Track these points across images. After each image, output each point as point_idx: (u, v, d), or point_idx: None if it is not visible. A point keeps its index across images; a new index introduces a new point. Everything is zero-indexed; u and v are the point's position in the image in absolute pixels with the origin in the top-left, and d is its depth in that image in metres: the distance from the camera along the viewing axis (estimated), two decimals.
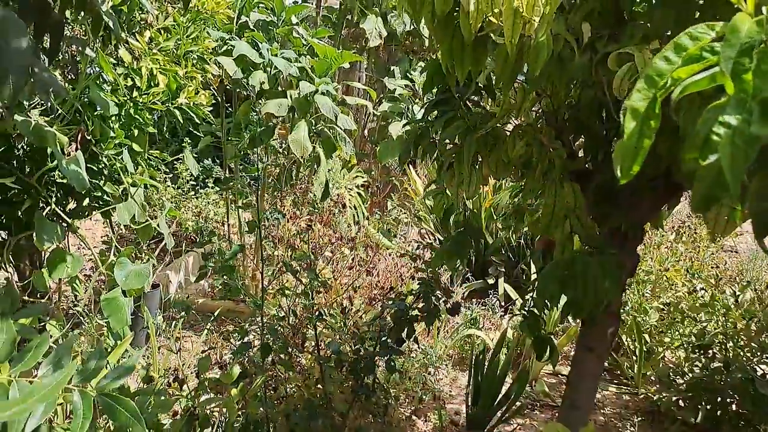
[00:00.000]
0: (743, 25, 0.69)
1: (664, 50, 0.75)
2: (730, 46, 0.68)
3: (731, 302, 3.08)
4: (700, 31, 0.75)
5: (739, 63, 0.68)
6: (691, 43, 0.75)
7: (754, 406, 2.89)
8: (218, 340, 3.39)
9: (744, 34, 0.69)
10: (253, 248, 3.98)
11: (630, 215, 2.21)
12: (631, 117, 0.76)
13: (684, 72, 0.76)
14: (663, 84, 0.75)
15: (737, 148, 0.72)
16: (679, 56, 0.75)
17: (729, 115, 0.68)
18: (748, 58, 0.67)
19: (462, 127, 2.17)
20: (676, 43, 0.75)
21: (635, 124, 0.77)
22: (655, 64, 0.75)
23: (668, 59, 0.75)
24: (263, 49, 3.38)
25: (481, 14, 1.52)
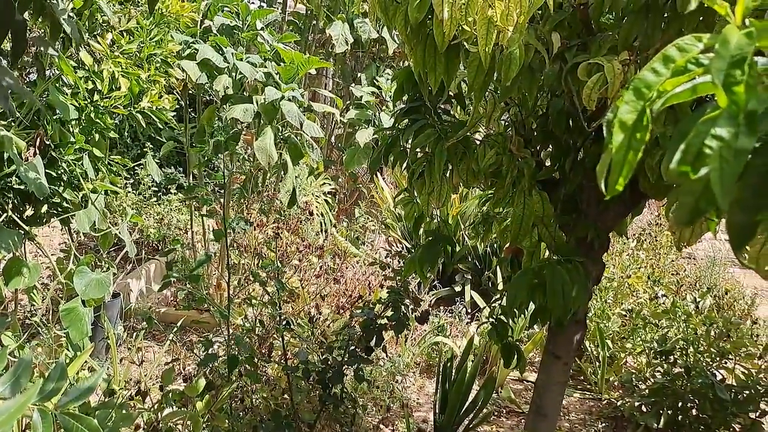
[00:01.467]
0: (733, 38, 0.70)
1: (652, 62, 0.75)
2: (721, 59, 0.68)
3: (692, 309, 3.15)
4: (687, 42, 0.75)
5: (730, 75, 0.68)
6: (679, 54, 0.75)
7: (714, 411, 2.95)
8: (181, 350, 3.31)
9: (734, 45, 0.69)
10: (217, 256, 3.90)
11: (596, 224, 2.25)
12: (620, 129, 0.76)
13: (670, 84, 0.76)
14: (651, 96, 0.75)
15: (726, 162, 0.72)
16: (667, 68, 0.75)
17: (721, 128, 0.68)
18: (739, 71, 0.67)
19: (433, 136, 2.17)
20: (665, 54, 0.75)
21: (623, 137, 0.76)
22: (644, 76, 0.75)
23: (656, 71, 0.75)
24: (228, 53, 3.33)
25: (455, 23, 1.52)
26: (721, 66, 0.68)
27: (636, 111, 0.76)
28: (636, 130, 0.76)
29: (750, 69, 0.71)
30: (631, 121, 0.76)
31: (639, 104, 0.76)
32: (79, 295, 2.55)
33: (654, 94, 0.77)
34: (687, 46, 0.75)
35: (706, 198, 0.79)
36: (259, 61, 3.43)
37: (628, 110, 0.76)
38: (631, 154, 0.77)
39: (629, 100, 0.76)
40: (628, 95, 0.77)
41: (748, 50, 0.68)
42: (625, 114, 0.76)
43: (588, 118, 2.01)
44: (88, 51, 2.76)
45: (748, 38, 0.69)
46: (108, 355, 3.32)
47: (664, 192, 1.98)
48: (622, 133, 0.77)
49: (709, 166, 0.71)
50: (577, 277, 2.13)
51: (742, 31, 0.70)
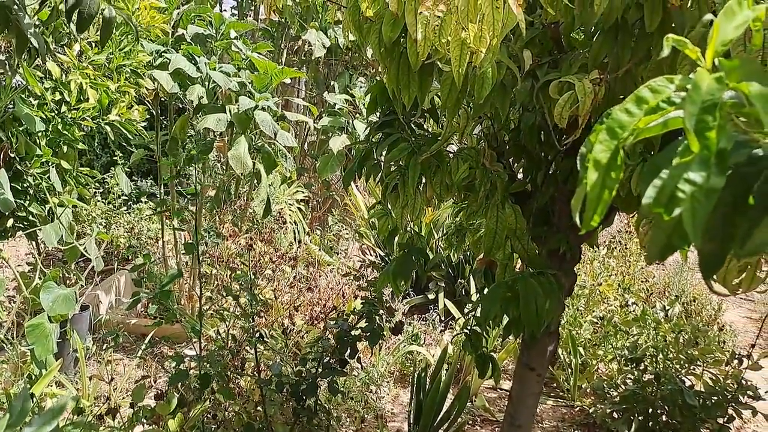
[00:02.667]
0: (704, 83, 0.71)
1: (626, 103, 0.76)
2: (692, 103, 0.70)
3: (661, 316, 3.21)
4: (660, 84, 0.76)
5: (702, 121, 0.69)
6: (651, 96, 0.76)
7: (683, 416, 3.01)
8: (153, 363, 3.25)
9: (705, 91, 0.71)
10: (189, 266, 3.85)
11: (568, 236, 2.27)
12: (594, 168, 0.77)
13: (644, 123, 0.78)
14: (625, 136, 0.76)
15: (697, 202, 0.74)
16: (640, 109, 0.76)
17: (694, 172, 0.70)
18: (711, 116, 0.69)
19: (406, 150, 2.17)
20: (638, 96, 0.76)
21: (597, 176, 0.77)
22: (617, 117, 0.76)
23: (629, 112, 0.76)
24: (201, 63, 3.29)
25: (429, 43, 1.52)
26: (693, 111, 0.69)
27: (610, 150, 0.77)
28: (610, 170, 0.77)
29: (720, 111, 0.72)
30: (605, 160, 0.77)
31: (612, 144, 0.77)
32: (46, 311, 2.50)
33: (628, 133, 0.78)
34: (659, 88, 0.76)
35: (678, 235, 0.81)
36: (233, 70, 3.40)
37: (602, 149, 0.77)
38: (606, 193, 0.78)
39: (603, 140, 0.77)
40: (602, 135, 0.78)
41: (719, 95, 0.70)
42: (599, 153, 0.77)
43: (559, 133, 2.04)
44: (55, 62, 2.70)
45: (719, 83, 0.70)
46: (77, 369, 3.25)
47: (634, 206, 2.02)
48: (597, 172, 0.77)
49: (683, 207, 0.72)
50: (550, 290, 2.16)
51: (713, 76, 0.72)
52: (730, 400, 3.05)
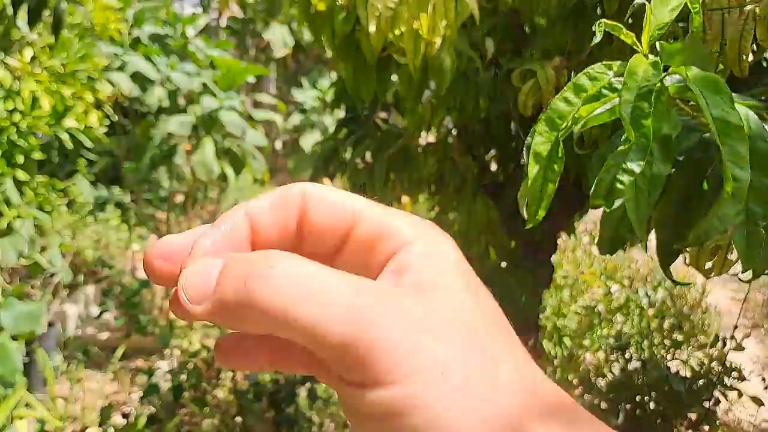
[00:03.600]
0: (639, 68, 0.65)
1: (564, 91, 0.70)
2: (628, 91, 0.64)
3: (644, 303, 3.17)
4: (598, 71, 0.70)
5: (638, 108, 0.64)
6: (589, 83, 0.70)
7: (669, 402, 2.98)
8: (126, 378, 3.16)
9: (641, 77, 0.65)
10: None
11: (542, 226, 2.21)
12: (534, 161, 0.71)
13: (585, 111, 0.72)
14: (564, 125, 0.70)
15: (641, 192, 0.69)
16: (578, 97, 0.70)
17: (632, 162, 0.64)
18: (647, 103, 0.63)
19: (372, 146, 2.12)
20: (576, 83, 0.70)
21: (538, 168, 0.71)
22: (556, 106, 0.70)
23: (568, 100, 0.70)
24: (160, 63, 3.19)
25: (382, 36, 1.45)
26: (628, 98, 0.63)
27: (550, 142, 0.70)
28: (551, 162, 0.71)
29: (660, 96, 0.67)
30: (545, 152, 0.71)
31: (552, 135, 0.70)
32: (8, 329, 2.41)
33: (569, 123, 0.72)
34: (598, 75, 0.70)
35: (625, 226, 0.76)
36: (194, 70, 3.30)
37: (542, 141, 0.71)
38: (549, 186, 0.73)
39: (542, 131, 0.71)
40: (541, 126, 0.71)
41: (655, 81, 0.64)
42: (540, 145, 0.71)
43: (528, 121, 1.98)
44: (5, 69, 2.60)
45: (655, 69, 0.65)
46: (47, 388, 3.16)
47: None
48: (537, 165, 0.71)
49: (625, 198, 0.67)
50: (526, 284, 2.11)
51: (649, 61, 0.66)
52: (715, 384, 3.02)
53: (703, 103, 0.65)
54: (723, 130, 0.65)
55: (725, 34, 1.34)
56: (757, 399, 3.11)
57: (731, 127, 0.65)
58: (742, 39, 1.29)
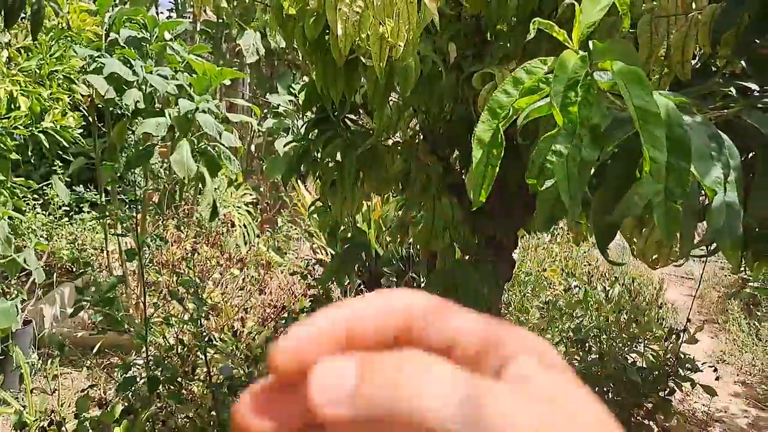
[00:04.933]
0: (569, 62, 0.76)
1: (504, 84, 0.81)
2: (558, 82, 0.75)
3: (602, 297, 3.32)
4: (534, 66, 0.81)
5: (566, 96, 0.74)
6: (526, 77, 0.81)
7: (627, 393, 3.12)
8: (101, 375, 3.20)
9: (570, 69, 0.76)
10: (136, 275, 3.80)
11: (504, 224, 2.34)
12: (478, 146, 0.81)
13: (524, 102, 0.82)
14: (505, 115, 0.81)
15: (571, 173, 0.79)
16: (517, 89, 0.81)
17: (560, 144, 0.74)
18: (573, 92, 0.74)
19: (341, 146, 2.21)
20: (514, 77, 0.81)
21: (482, 153, 0.82)
22: (496, 97, 0.81)
23: (507, 92, 0.81)
24: (137, 66, 3.25)
25: (350, 39, 1.55)
26: (558, 88, 0.74)
27: (492, 129, 0.81)
28: (492, 147, 0.81)
29: (589, 89, 0.78)
30: (487, 139, 0.82)
31: (494, 123, 0.81)
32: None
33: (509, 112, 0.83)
34: (534, 69, 0.81)
35: (559, 206, 0.86)
36: (170, 73, 3.37)
37: (484, 129, 0.82)
38: (490, 169, 0.83)
39: (485, 120, 0.82)
40: (484, 115, 0.82)
41: (582, 73, 0.75)
42: (482, 132, 0.82)
43: None
44: None
45: (583, 62, 0.76)
46: (22, 385, 3.18)
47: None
48: (480, 150, 0.82)
49: (555, 178, 0.77)
50: (488, 277, 2.22)
51: (578, 56, 0.77)
52: (670, 374, 3.18)
53: (625, 93, 0.76)
54: (642, 116, 0.76)
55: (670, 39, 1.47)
56: (710, 389, 3.28)
57: (650, 114, 0.76)
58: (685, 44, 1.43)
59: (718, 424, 3.55)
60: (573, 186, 0.79)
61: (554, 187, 0.81)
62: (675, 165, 0.76)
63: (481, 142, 0.82)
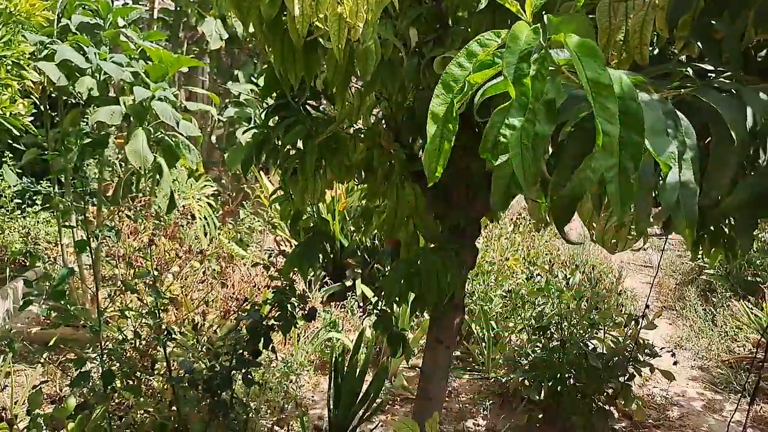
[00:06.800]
0: (522, 33, 0.74)
1: (457, 57, 0.79)
2: (511, 53, 0.73)
3: (564, 285, 3.36)
4: (487, 38, 0.79)
5: (519, 68, 0.73)
6: (480, 49, 0.79)
7: (588, 378, 3.17)
8: (56, 371, 3.11)
9: (523, 41, 0.74)
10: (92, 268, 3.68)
11: (467, 212, 2.33)
12: (432, 121, 0.79)
13: (479, 77, 0.80)
14: (459, 89, 0.79)
15: (526, 148, 0.77)
16: (470, 62, 0.79)
17: (513, 117, 0.73)
18: (526, 64, 0.72)
19: (303, 132, 2.17)
20: (468, 50, 0.79)
21: (436, 127, 0.80)
22: (450, 71, 0.79)
23: (461, 65, 0.79)
24: (90, 53, 3.15)
25: (307, 19, 1.52)
26: (511, 60, 0.73)
27: (446, 104, 0.79)
28: (447, 121, 0.79)
29: (543, 61, 0.76)
30: (441, 113, 0.80)
31: (448, 97, 0.79)
32: None
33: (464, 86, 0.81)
34: (487, 42, 0.79)
35: (514, 182, 0.84)
36: (125, 60, 3.27)
37: (439, 103, 0.79)
38: (445, 144, 0.81)
39: (439, 93, 0.80)
40: (438, 89, 0.80)
41: (535, 44, 0.73)
42: (436, 107, 0.80)
43: None
44: None
45: (535, 34, 0.74)
46: None
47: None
48: (435, 125, 0.80)
49: (510, 153, 0.76)
50: (451, 264, 2.21)
51: (531, 27, 0.75)
52: (630, 360, 3.23)
53: (578, 65, 0.75)
54: (595, 89, 0.74)
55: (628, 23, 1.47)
56: (668, 373, 3.35)
57: (602, 87, 0.74)
58: (643, 28, 1.43)
59: (676, 407, 3.63)
60: (527, 160, 0.77)
61: (509, 163, 0.79)
62: (628, 139, 0.75)
63: (435, 116, 0.80)
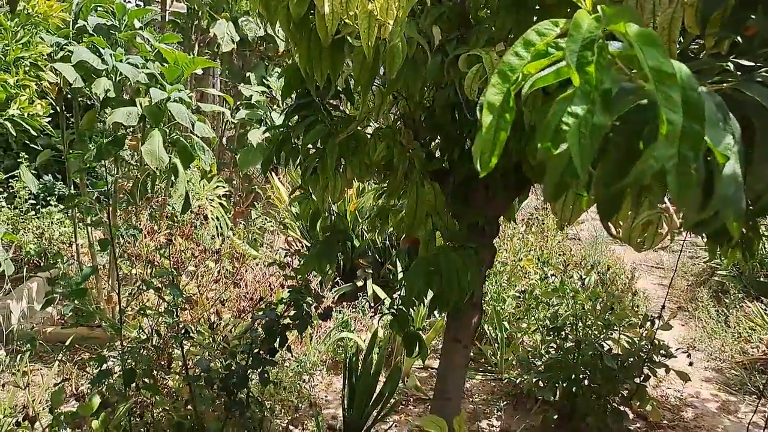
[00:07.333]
0: (584, 21, 0.75)
1: (515, 46, 0.79)
2: (573, 41, 0.73)
3: (578, 286, 3.36)
4: (545, 27, 0.80)
5: (582, 56, 0.73)
6: (538, 38, 0.79)
7: (603, 379, 3.16)
8: (73, 370, 3.11)
9: (585, 29, 0.75)
10: (107, 268, 3.70)
11: (486, 210, 2.34)
12: (488, 111, 0.80)
13: (533, 67, 0.81)
14: (515, 78, 0.80)
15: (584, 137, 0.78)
16: (528, 52, 0.79)
17: (576, 105, 0.73)
18: (590, 52, 0.73)
19: (323, 131, 2.18)
20: (525, 39, 0.79)
21: (492, 117, 0.80)
22: (507, 60, 0.79)
23: (519, 55, 0.79)
24: (106, 54, 3.16)
25: (337, 17, 1.53)
26: (574, 48, 0.73)
27: (502, 93, 0.80)
28: (503, 111, 0.80)
29: (601, 51, 0.77)
30: (498, 103, 0.80)
31: (504, 87, 0.80)
32: None
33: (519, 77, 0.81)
34: (545, 31, 0.80)
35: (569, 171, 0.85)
36: (141, 61, 3.29)
37: (495, 93, 0.80)
38: (501, 134, 0.81)
39: (495, 83, 0.80)
40: (495, 78, 0.81)
41: (597, 33, 0.74)
42: (493, 96, 0.80)
43: (472, 108, 2.09)
44: None
45: (597, 22, 0.75)
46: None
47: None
48: (491, 115, 0.80)
49: (569, 142, 0.76)
50: (471, 262, 2.21)
51: (592, 16, 0.76)
52: (645, 360, 3.23)
53: (640, 54, 0.75)
54: (658, 78, 0.74)
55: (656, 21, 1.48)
56: (683, 374, 3.35)
57: (665, 75, 0.74)
58: (672, 25, 1.43)
59: (690, 408, 3.62)
60: (585, 150, 0.77)
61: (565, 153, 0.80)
62: (689, 129, 0.75)
63: (491, 106, 0.80)
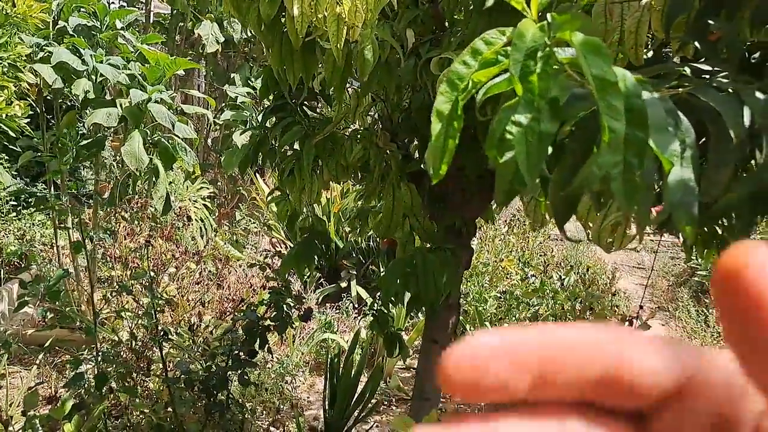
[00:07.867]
0: (528, 31, 0.76)
1: (462, 55, 0.80)
2: (517, 50, 0.74)
3: (558, 286, 3.39)
4: (493, 36, 0.80)
5: (525, 65, 0.74)
6: (485, 47, 0.80)
7: None
8: (51, 372, 3.10)
9: (529, 38, 0.76)
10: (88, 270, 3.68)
11: (463, 212, 2.35)
12: (437, 119, 0.81)
13: (482, 75, 0.82)
14: (464, 87, 0.80)
15: (531, 145, 0.79)
16: (476, 60, 0.80)
17: (519, 114, 0.74)
18: (533, 61, 0.74)
19: (300, 133, 2.18)
20: (473, 47, 0.80)
21: (441, 126, 0.81)
22: (455, 69, 0.80)
23: (467, 63, 0.80)
24: (86, 55, 3.15)
25: (306, 19, 1.53)
26: (517, 57, 0.74)
27: (451, 101, 0.81)
28: (452, 119, 0.81)
29: (548, 59, 0.78)
30: (447, 111, 0.81)
31: (453, 95, 0.81)
32: None
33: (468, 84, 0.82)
34: (492, 39, 0.81)
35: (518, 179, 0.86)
36: (122, 62, 3.27)
37: (444, 101, 0.81)
38: (450, 142, 0.82)
39: (444, 92, 0.81)
40: (443, 87, 0.82)
41: (542, 42, 0.75)
42: (441, 105, 0.81)
43: None
44: None
45: (542, 31, 0.76)
46: None
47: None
48: (440, 123, 0.81)
49: (516, 150, 0.77)
50: (447, 263, 2.22)
51: (537, 25, 0.77)
52: None
53: (584, 62, 0.76)
54: (601, 86, 0.75)
55: (624, 25, 1.49)
56: None
57: (608, 84, 0.76)
58: (639, 29, 1.45)
59: None
60: (532, 158, 0.79)
61: (513, 160, 0.81)
62: (632, 136, 0.76)
63: (440, 114, 0.81)
